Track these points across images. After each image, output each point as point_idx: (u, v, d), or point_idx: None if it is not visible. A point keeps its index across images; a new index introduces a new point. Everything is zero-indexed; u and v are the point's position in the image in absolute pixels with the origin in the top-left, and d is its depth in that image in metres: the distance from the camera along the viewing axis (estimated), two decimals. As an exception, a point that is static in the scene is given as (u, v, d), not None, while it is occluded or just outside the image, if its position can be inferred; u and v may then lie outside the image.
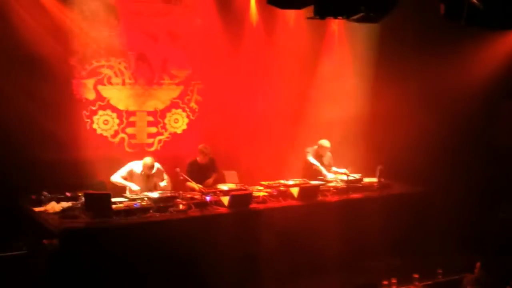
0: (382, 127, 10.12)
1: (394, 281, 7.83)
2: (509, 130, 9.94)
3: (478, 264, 7.18)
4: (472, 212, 9.56)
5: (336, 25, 10.73)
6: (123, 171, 8.31)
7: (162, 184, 8.42)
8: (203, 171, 8.71)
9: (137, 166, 8.35)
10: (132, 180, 8.29)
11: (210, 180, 8.73)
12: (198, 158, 8.72)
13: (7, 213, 7.95)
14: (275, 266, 7.71)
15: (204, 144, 8.80)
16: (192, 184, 8.35)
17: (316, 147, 9.46)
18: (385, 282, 7.84)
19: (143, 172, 8.29)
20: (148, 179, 8.35)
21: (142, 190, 8.21)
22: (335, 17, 8.11)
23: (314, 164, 9.30)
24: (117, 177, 8.28)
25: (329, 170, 9.42)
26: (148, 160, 8.29)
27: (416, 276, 7.68)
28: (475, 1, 7.57)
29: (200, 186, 8.37)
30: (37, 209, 7.52)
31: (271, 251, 7.75)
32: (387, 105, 10.00)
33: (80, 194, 7.57)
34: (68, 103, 9.06)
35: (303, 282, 7.89)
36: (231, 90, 10.12)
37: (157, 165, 8.42)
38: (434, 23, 9.07)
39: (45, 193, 7.69)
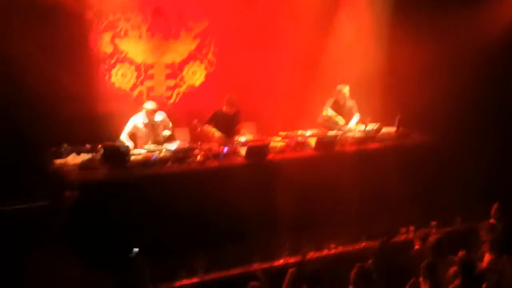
0: (400, 81, 9.99)
1: (412, 228, 7.91)
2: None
3: (494, 207, 7.17)
4: (489, 163, 9.49)
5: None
6: (127, 128, 8.26)
7: (166, 132, 8.39)
8: (227, 122, 8.65)
9: (139, 117, 8.29)
10: (138, 135, 8.27)
11: (239, 130, 8.68)
12: (224, 108, 8.62)
13: (29, 167, 8.06)
14: (292, 217, 7.71)
15: (232, 94, 8.69)
16: (212, 130, 8.34)
17: (333, 98, 9.39)
18: (403, 230, 7.93)
19: (147, 121, 8.23)
20: (154, 129, 8.29)
21: (148, 142, 8.20)
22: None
23: (331, 115, 9.23)
24: (123, 136, 8.23)
25: (349, 119, 9.33)
26: (148, 104, 8.24)
27: (434, 223, 7.72)
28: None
29: (220, 134, 8.35)
30: (58, 161, 7.63)
31: (288, 201, 7.76)
32: (404, 61, 9.84)
33: (99, 146, 7.64)
34: (85, 57, 9.09)
35: (320, 232, 7.86)
36: (248, 42, 10.03)
37: (162, 113, 8.41)
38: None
39: (65, 145, 7.77)
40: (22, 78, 8.22)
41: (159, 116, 8.39)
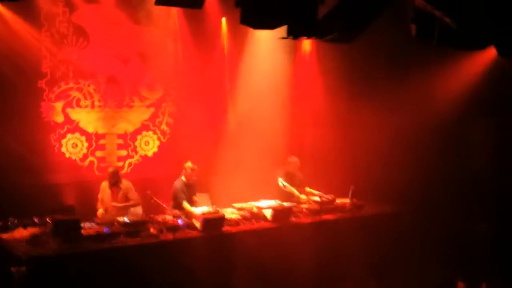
0: (355, 148, 10.13)
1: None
2: (482, 148, 10.03)
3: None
4: (448, 231, 9.58)
5: (308, 45, 10.77)
6: (99, 194, 8.31)
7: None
8: (190, 191, 8.57)
9: (104, 183, 8.36)
10: (104, 199, 8.24)
11: (196, 202, 8.58)
12: (184, 177, 8.55)
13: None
14: (249, 289, 7.61)
15: (192, 163, 8.58)
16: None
17: (286, 166, 9.41)
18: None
19: (109, 184, 8.25)
20: (117, 191, 8.27)
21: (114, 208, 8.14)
22: (309, 37, 8.17)
23: (285, 187, 9.23)
24: (98, 204, 8.26)
25: (301, 191, 9.34)
26: (110, 169, 8.38)
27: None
28: (448, 21, 7.67)
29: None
30: (3, 235, 7.30)
31: (245, 273, 7.65)
32: (360, 126, 10.04)
33: (48, 219, 7.36)
34: (36, 126, 8.93)
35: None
36: (202, 112, 10.07)
37: (126, 183, 8.42)
38: (406, 44, 9.13)
39: (11, 219, 7.49)
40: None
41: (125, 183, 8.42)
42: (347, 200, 9.16)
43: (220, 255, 7.75)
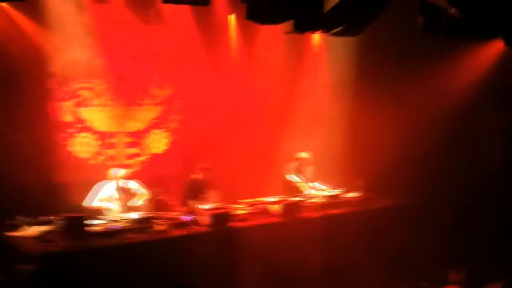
0: (364, 141, 10.08)
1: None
2: (492, 141, 9.93)
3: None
4: (457, 224, 9.50)
5: (315, 40, 10.73)
6: (99, 193, 8.20)
7: (136, 202, 8.35)
8: (197, 189, 8.62)
9: (109, 184, 8.30)
10: (111, 200, 8.24)
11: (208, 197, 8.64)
12: (197, 175, 8.60)
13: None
14: (257, 284, 7.64)
15: (205, 161, 8.69)
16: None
17: (296, 162, 9.40)
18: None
19: (116, 186, 8.23)
20: (125, 194, 8.25)
21: (122, 208, 8.15)
22: (315, 31, 8.14)
23: (294, 181, 9.22)
24: (94, 202, 8.17)
25: (311, 186, 9.32)
26: (112, 170, 8.32)
27: (401, 289, 7.64)
28: (454, 11, 7.60)
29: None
30: (12, 233, 7.40)
31: (253, 269, 7.66)
32: (369, 120, 9.98)
33: (56, 217, 7.45)
34: (45, 125, 8.99)
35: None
36: (212, 109, 10.08)
37: (133, 182, 8.40)
38: (414, 36, 9.06)
39: (20, 217, 7.57)
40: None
41: (132, 184, 8.38)
42: (356, 194, 9.12)
43: (228, 251, 7.77)
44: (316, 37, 10.73)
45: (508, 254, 8.92)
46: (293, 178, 9.25)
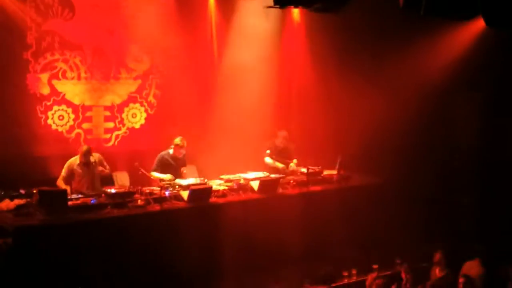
0: (342, 120, 10.15)
1: (354, 271, 7.98)
2: (468, 122, 10.07)
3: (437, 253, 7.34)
4: (432, 203, 9.67)
5: (295, 16, 10.70)
6: (63, 171, 8.07)
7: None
8: (174, 165, 8.57)
9: (74, 159, 8.13)
10: (74, 177, 8.06)
11: (184, 174, 8.61)
12: (171, 151, 8.57)
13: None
14: (236, 260, 7.65)
15: (181, 137, 8.62)
16: (159, 177, 8.24)
17: (272, 142, 9.41)
18: (345, 273, 7.98)
19: (81, 162, 8.05)
20: (89, 169, 8.12)
21: (85, 184, 8.05)
22: (295, 6, 8.09)
23: (272, 163, 9.26)
24: (59, 181, 8.05)
25: (289, 162, 9.35)
26: (83, 147, 8.14)
27: (375, 266, 7.82)
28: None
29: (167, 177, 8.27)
30: (-10, 206, 7.30)
31: (232, 244, 7.69)
32: (347, 98, 10.03)
33: (34, 191, 7.36)
34: (22, 98, 8.85)
35: (264, 275, 7.87)
36: (189, 84, 10.00)
37: (96, 155, 8.27)
38: (392, 15, 9.09)
39: (-2, 190, 7.49)
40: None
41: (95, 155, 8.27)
42: (334, 172, 9.19)
43: (207, 226, 7.79)
44: (296, 13, 10.68)
45: (478, 233, 9.13)
46: (269, 161, 9.26)
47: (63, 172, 8.06)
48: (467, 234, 9.11)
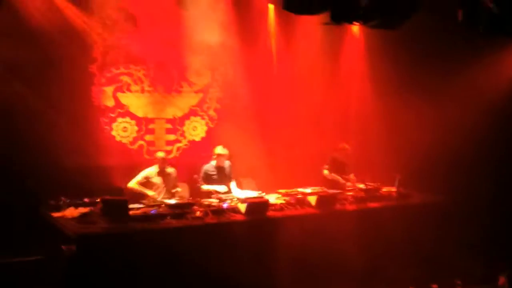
0: (401, 137, 10.02)
1: (413, 291, 7.82)
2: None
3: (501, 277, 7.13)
4: (494, 223, 9.42)
5: (354, 32, 10.69)
6: (140, 176, 8.41)
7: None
8: (221, 173, 8.73)
9: (151, 168, 8.46)
10: (149, 183, 8.37)
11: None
12: (214, 162, 8.72)
13: (26, 219, 8.01)
14: (292, 275, 7.64)
15: (222, 146, 8.77)
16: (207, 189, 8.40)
17: (333, 156, 9.39)
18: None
19: (158, 169, 8.38)
20: (165, 178, 8.41)
21: (162, 192, 8.30)
22: (351, 22, 8.07)
23: (331, 176, 9.24)
24: (133, 183, 8.34)
25: (347, 179, 9.32)
26: (159, 153, 8.52)
27: (434, 286, 7.65)
28: (490, 5, 7.49)
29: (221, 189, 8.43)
30: (55, 214, 7.54)
31: (287, 259, 7.67)
32: (407, 115, 9.91)
33: (98, 200, 7.58)
34: (87, 110, 9.15)
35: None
36: (250, 98, 10.12)
37: (173, 169, 8.56)
38: (453, 32, 8.95)
39: (63, 198, 7.73)
40: (23, 128, 8.31)
41: (171, 169, 8.56)
42: (393, 189, 9.09)
43: (263, 240, 7.79)
44: (355, 29, 10.67)
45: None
46: (328, 174, 9.24)
47: (139, 177, 8.40)
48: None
